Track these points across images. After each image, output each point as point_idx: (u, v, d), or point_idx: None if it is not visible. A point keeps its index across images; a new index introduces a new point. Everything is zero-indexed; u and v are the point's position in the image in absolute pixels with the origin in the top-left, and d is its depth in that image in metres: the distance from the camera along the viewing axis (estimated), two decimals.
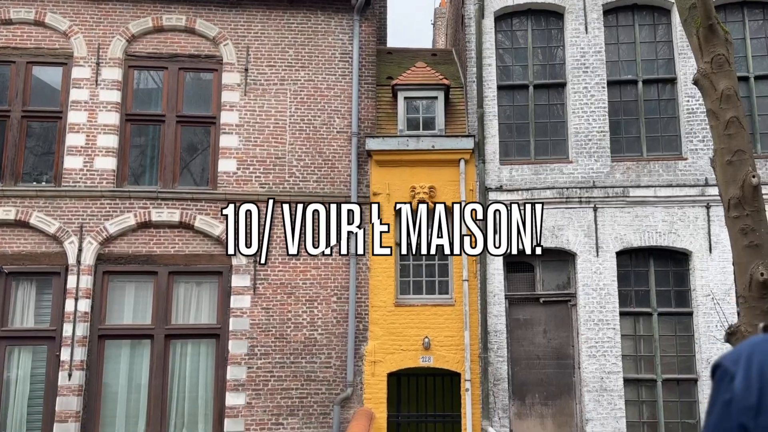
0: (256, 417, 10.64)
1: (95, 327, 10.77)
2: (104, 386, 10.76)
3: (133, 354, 10.92)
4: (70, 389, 10.38)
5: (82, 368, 10.53)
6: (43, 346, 10.71)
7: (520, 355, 11.08)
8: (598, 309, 10.84)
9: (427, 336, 10.87)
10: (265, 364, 10.79)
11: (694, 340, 10.89)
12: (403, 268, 11.28)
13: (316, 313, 11.02)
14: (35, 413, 10.59)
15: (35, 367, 10.72)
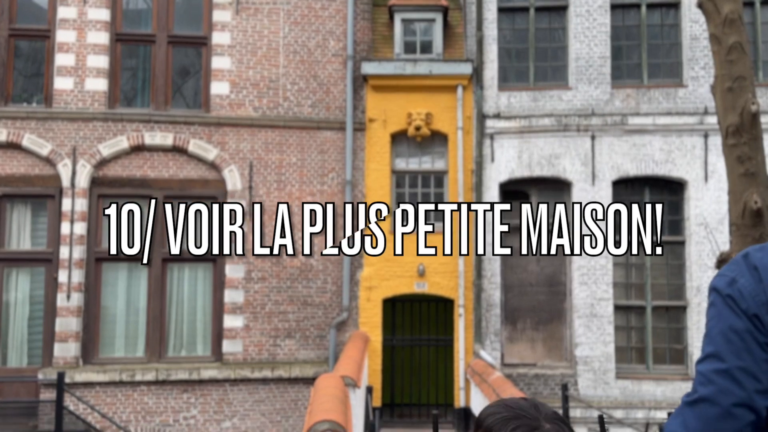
0: (254, 339, 10.88)
1: (92, 250, 10.85)
2: (103, 309, 10.94)
3: (131, 277, 11.05)
4: (69, 310, 10.56)
5: (80, 290, 10.68)
6: (41, 268, 10.83)
7: (513, 282, 11.23)
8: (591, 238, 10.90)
9: (422, 263, 10.98)
10: (262, 288, 10.94)
11: (685, 268, 11.02)
12: (398, 195, 11.26)
13: (313, 239, 11.09)
14: (36, 333, 10.81)
15: (34, 288, 10.87)
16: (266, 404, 10.69)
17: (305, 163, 11.12)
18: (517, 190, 11.23)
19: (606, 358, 10.76)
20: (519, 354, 11.18)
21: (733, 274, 1.51)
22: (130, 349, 10.96)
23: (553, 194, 11.24)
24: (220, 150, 10.95)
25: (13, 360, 10.76)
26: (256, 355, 10.84)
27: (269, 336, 10.91)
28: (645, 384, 10.74)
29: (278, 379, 10.66)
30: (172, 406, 10.56)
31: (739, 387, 1.44)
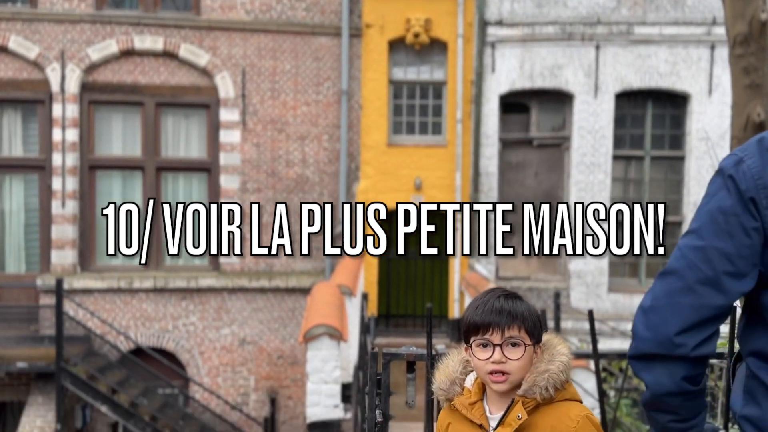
0: None
1: (85, 157, 10.74)
2: (98, 217, 10.94)
3: (125, 185, 10.99)
4: (64, 218, 10.56)
5: (75, 198, 10.65)
6: (34, 175, 10.75)
7: (510, 197, 11.18)
8: (591, 152, 10.79)
9: (419, 177, 10.89)
10: (258, 200, 10.90)
11: (683, 183, 10.96)
12: (396, 108, 11.05)
13: (308, 151, 10.96)
14: (33, 240, 10.86)
15: (28, 196, 10.84)
16: (264, 313, 10.88)
17: (300, 71, 10.83)
18: (517, 103, 11.00)
19: (599, 272, 10.86)
20: (514, 268, 11.28)
21: (742, 154, 1.46)
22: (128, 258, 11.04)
23: (554, 107, 11.02)
24: (212, 55, 10.64)
25: (11, 266, 10.85)
26: (253, 265, 10.94)
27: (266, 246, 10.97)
28: (636, 297, 10.88)
29: (275, 288, 10.79)
30: (171, 312, 10.75)
31: (708, 265, 1.42)
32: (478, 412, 1.75)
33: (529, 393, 1.68)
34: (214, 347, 10.82)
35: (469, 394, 1.79)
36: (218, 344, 10.83)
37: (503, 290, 1.76)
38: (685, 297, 1.43)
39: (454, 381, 1.82)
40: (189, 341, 10.78)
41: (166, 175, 10.99)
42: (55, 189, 10.53)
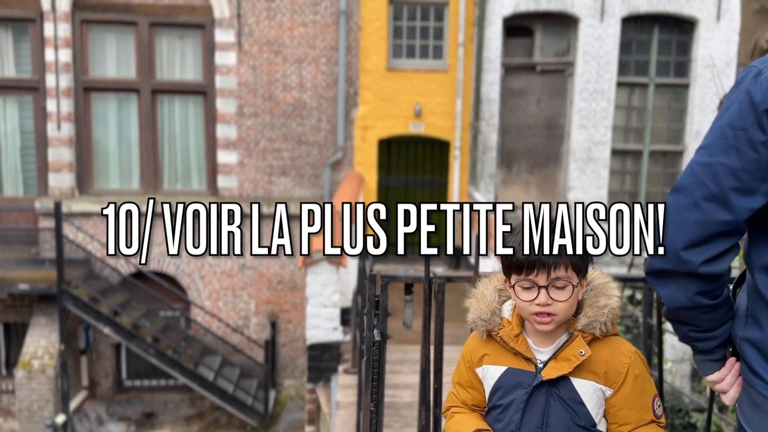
0: (249, 175, 10.89)
1: (79, 79, 10.53)
2: (94, 141, 10.84)
3: (121, 108, 10.83)
4: (60, 140, 10.45)
5: (70, 120, 10.50)
6: (29, 96, 10.57)
7: (511, 124, 11.05)
8: (595, 78, 10.59)
9: (419, 103, 10.72)
10: (255, 125, 10.77)
11: (687, 111, 10.82)
12: (396, 30, 10.75)
13: (305, 75, 10.74)
14: (29, 163, 10.79)
15: (23, 118, 10.69)
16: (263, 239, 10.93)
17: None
18: (521, 26, 10.70)
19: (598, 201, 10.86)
20: (512, 196, 11.27)
21: (762, 66, 1.41)
22: (125, 181, 11.00)
23: (559, 31, 10.74)
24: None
25: (8, 189, 10.82)
26: (252, 192, 10.91)
27: (264, 173, 10.91)
28: None
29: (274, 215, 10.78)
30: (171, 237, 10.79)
31: (714, 181, 1.41)
32: (524, 344, 1.68)
33: (588, 328, 1.63)
34: (215, 272, 10.93)
35: (511, 325, 1.71)
36: (218, 269, 10.93)
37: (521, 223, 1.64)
38: (691, 213, 1.42)
39: (494, 311, 1.73)
40: (189, 265, 10.88)
41: (161, 98, 10.81)
42: (50, 111, 10.37)
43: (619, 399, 1.64)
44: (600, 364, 1.63)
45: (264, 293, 11.05)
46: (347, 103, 10.81)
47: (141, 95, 10.67)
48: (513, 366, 1.69)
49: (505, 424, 1.68)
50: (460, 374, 1.81)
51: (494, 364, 1.72)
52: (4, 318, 10.66)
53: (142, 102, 10.69)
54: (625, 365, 1.64)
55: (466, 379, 1.79)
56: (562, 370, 1.63)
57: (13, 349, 10.85)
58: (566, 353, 1.63)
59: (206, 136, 10.90)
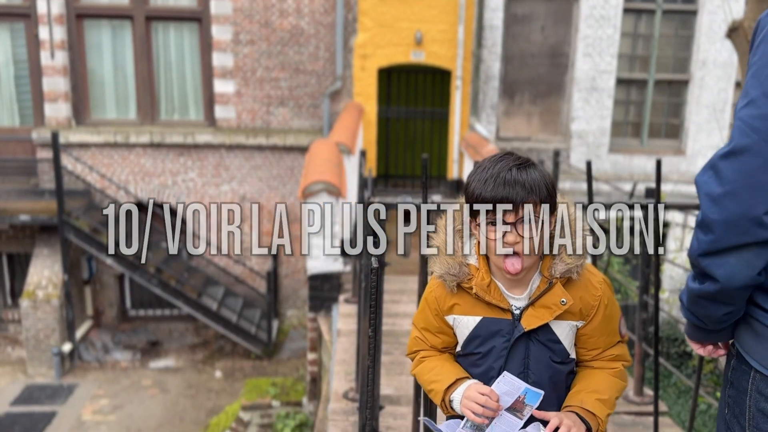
0: (246, 105, 10.74)
1: (71, 5, 10.23)
2: (89, 71, 10.63)
3: (115, 37, 10.57)
4: (54, 69, 10.25)
5: (64, 48, 10.27)
6: (20, 23, 10.30)
7: (514, 53, 10.80)
8: (601, 4, 10.28)
9: (420, 30, 10.44)
10: (251, 53, 10.53)
11: (694, 39, 10.55)
12: None
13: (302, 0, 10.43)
14: (24, 93, 10.62)
15: (15, 46, 10.44)
16: (263, 170, 10.87)
17: None
18: None
19: (601, 133, 10.74)
20: (514, 128, 11.14)
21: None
22: (122, 111, 10.86)
23: None
24: None
25: (4, 119, 10.69)
26: (250, 122, 10.78)
27: (261, 103, 10.75)
28: (637, 158, 10.86)
29: (273, 146, 10.71)
30: (170, 168, 10.74)
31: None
32: (497, 294, 1.62)
33: (566, 274, 1.59)
34: (215, 203, 10.93)
35: (480, 273, 1.62)
36: (218, 200, 10.93)
37: (514, 157, 1.56)
38: (766, 174, 1.27)
39: (461, 263, 1.64)
40: (189, 197, 10.88)
41: (156, 25, 10.53)
42: (43, 39, 10.12)
43: (590, 328, 1.65)
44: (575, 303, 1.61)
45: (264, 225, 11.08)
46: (346, 30, 10.54)
47: (135, 22, 10.39)
48: (488, 315, 1.63)
49: (485, 369, 1.65)
50: (427, 320, 1.73)
51: (467, 314, 1.66)
52: (6, 248, 10.73)
53: (136, 29, 10.42)
54: (597, 298, 1.63)
55: (435, 326, 1.73)
56: (543, 318, 1.59)
57: (18, 280, 10.98)
58: (545, 300, 1.59)
59: (202, 64, 10.69)
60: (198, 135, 10.57)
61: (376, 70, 10.62)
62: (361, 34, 10.46)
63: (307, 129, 10.89)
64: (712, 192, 1.33)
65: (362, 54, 10.51)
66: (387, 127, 11.68)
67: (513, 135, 11.10)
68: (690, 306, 1.48)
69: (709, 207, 1.33)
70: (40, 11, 10.02)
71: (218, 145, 10.65)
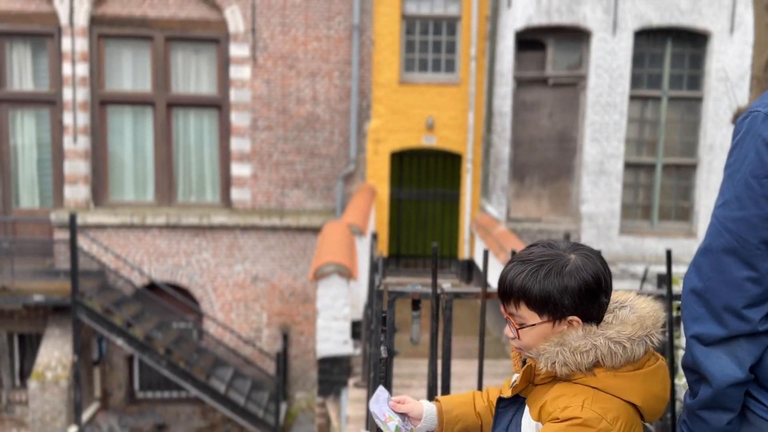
0: (262, 188, 10.96)
1: (95, 92, 10.68)
2: (110, 154, 10.97)
3: (136, 122, 10.96)
4: (76, 153, 10.59)
5: (86, 133, 10.65)
6: (46, 110, 10.73)
7: (523, 137, 11.06)
8: (607, 92, 10.58)
9: (431, 116, 10.76)
10: (268, 138, 10.85)
11: (700, 125, 10.76)
12: (408, 44, 10.82)
13: (318, 89, 10.82)
14: (46, 176, 10.93)
15: (40, 131, 10.85)
16: (276, 250, 10.98)
17: (310, 4, 10.58)
18: (533, 40, 10.73)
19: (611, 215, 10.81)
20: (525, 209, 11.25)
21: (765, 108, 1.36)
22: (140, 193, 11.11)
23: (571, 45, 10.75)
24: None
25: (25, 201, 10.97)
26: (265, 204, 10.98)
27: (277, 185, 10.98)
28: (648, 240, 10.87)
29: (287, 227, 10.86)
30: (184, 249, 10.87)
31: (754, 234, 1.34)
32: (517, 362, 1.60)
33: (544, 369, 1.44)
34: (227, 283, 10.99)
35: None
36: (231, 281, 10.99)
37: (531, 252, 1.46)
38: (741, 271, 1.35)
39: None
40: (202, 277, 10.95)
41: (176, 111, 10.93)
42: (67, 124, 10.52)
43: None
44: (535, 402, 1.48)
45: (276, 305, 11.08)
46: (360, 116, 10.87)
47: (156, 108, 10.80)
48: None
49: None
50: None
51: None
52: (18, 329, 10.76)
53: (157, 115, 10.82)
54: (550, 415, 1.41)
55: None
56: (506, 392, 1.56)
57: (27, 360, 10.94)
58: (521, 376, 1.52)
59: (220, 148, 11.00)
60: (213, 216, 10.76)
61: (388, 154, 10.88)
62: (374, 120, 10.78)
63: (321, 210, 11.06)
64: (696, 287, 1.41)
65: (375, 138, 10.80)
66: (399, 208, 11.83)
67: (523, 216, 11.20)
68: (694, 427, 1.48)
69: (694, 301, 1.41)
70: (66, 98, 10.46)
71: (233, 226, 10.81)
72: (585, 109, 10.75)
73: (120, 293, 10.33)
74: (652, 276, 10.01)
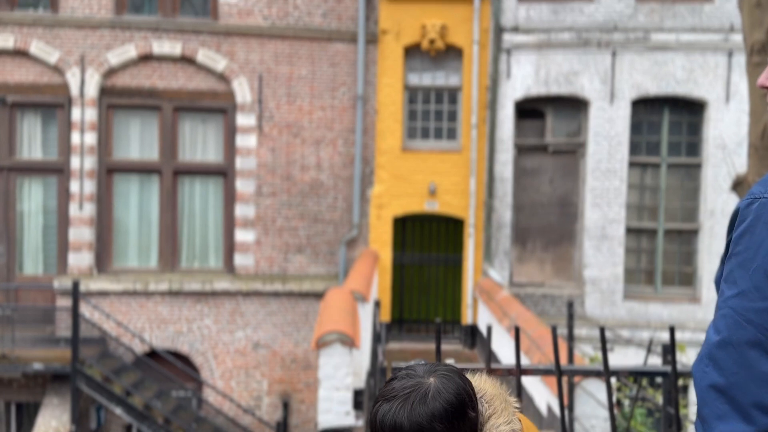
0: (265, 253, 11.00)
1: (103, 160, 10.87)
2: (115, 220, 11.06)
3: (142, 189, 11.10)
4: (81, 220, 10.69)
5: (92, 200, 10.77)
6: (53, 178, 10.89)
7: (524, 202, 11.16)
8: (606, 159, 10.74)
9: (433, 181, 10.89)
10: (273, 204, 10.96)
11: (700, 190, 10.87)
12: (411, 113, 11.07)
13: (322, 155, 11.00)
14: (50, 242, 11.00)
15: (47, 198, 10.98)
16: (278, 316, 10.92)
17: (316, 76, 10.88)
18: (532, 109, 10.98)
19: (614, 279, 10.79)
20: (527, 274, 11.24)
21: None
22: (144, 259, 11.15)
23: (570, 113, 10.99)
24: (230, 60, 10.73)
25: (29, 267, 11.00)
26: (268, 269, 10.99)
27: (280, 251, 11.02)
28: (652, 305, 10.81)
29: (289, 293, 10.84)
30: (186, 315, 10.82)
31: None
32: None
33: None
34: (228, 350, 10.88)
35: None
36: (232, 347, 10.89)
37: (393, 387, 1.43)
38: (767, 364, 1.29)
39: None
40: (203, 344, 10.86)
41: (182, 179, 11.08)
42: (73, 192, 10.66)
43: None
44: None
45: (277, 372, 10.94)
46: (363, 182, 11.01)
47: (163, 176, 10.96)
48: None
49: None
50: None
51: None
52: (16, 397, 10.60)
53: (163, 183, 10.97)
54: None
55: None
56: None
57: (24, 430, 10.72)
58: None
59: (225, 214, 11.10)
60: (216, 282, 10.75)
61: (391, 219, 10.96)
62: (377, 186, 10.91)
63: (323, 275, 11.06)
64: (717, 383, 1.33)
65: (378, 204, 10.90)
66: (401, 272, 11.82)
67: (526, 281, 11.18)
68: None
69: (716, 397, 1.34)
70: (74, 167, 10.63)
71: (235, 292, 10.79)
72: (585, 175, 10.89)
73: (120, 361, 10.23)
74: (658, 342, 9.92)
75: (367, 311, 7.96)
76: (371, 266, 9.88)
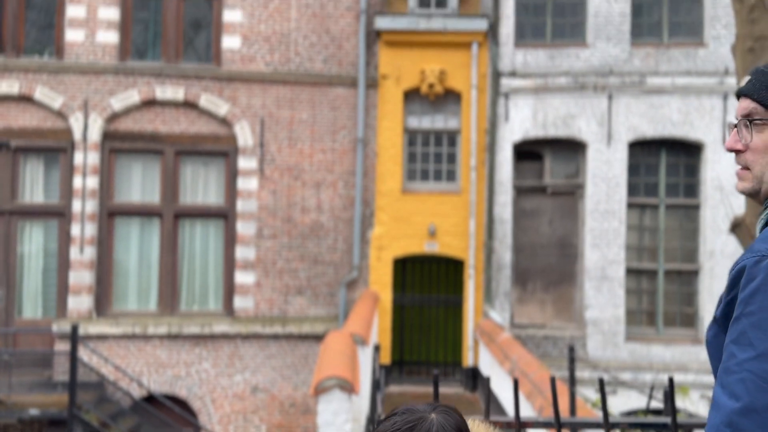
0: (265, 295, 10.97)
1: (104, 204, 10.92)
2: (115, 262, 11.07)
3: (143, 232, 11.13)
4: (82, 264, 10.69)
5: (93, 244, 10.79)
6: (54, 221, 10.93)
7: (524, 243, 11.19)
8: (605, 200, 10.80)
9: (433, 223, 10.94)
10: (273, 246, 10.98)
11: (699, 231, 10.90)
12: (410, 155, 11.18)
13: (323, 198, 11.07)
14: (50, 286, 10.98)
15: (47, 241, 11.00)
16: (277, 359, 10.84)
17: (316, 120, 11.03)
18: (530, 151, 11.09)
19: (616, 321, 10.75)
20: (528, 315, 11.20)
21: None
22: (143, 302, 11.11)
23: (568, 155, 11.09)
24: (232, 105, 10.88)
25: (28, 311, 10.95)
26: (267, 311, 10.95)
27: (280, 293, 11.00)
28: (654, 347, 10.74)
29: (289, 335, 10.78)
30: (184, 359, 10.74)
31: None
32: None
33: None
34: (226, 394, 10.77)
35: None
36: (230, 391, 10.77)
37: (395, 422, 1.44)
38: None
39: None
40: (201, 388, 10.74)
41: (183, 221, 11.12)
42: (74, 235, 10.68)
43: None
44: None
45: (276, 417, 10.80)
46: (363, 224, 11.05)
47: (164, 219, 11.00)
48: None
49: None
50: None
51: None
52: None
53: (164, 226, 11.00)
54: None
55: None
56: None
57: None
58: None
59: (225, 257, 11.11)
60: (215, 325, 10.70)
61: (391, 260, 10.97)
62: (377, 228, 10.95)
63: (323, 317, 11.01)
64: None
65: (378, 245, 10.92)
66: (402, 314, 11.77)
67: (528, 322, 11.13)
68: None
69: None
70: (75, 210, 10.68)
71: (234, 334, 10.73)
72: (584, 216, 10.94)
73: (118, 405, 10.11)
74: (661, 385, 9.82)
75: (366, 355, 7.91)
76: (371, 308, 9.85)
